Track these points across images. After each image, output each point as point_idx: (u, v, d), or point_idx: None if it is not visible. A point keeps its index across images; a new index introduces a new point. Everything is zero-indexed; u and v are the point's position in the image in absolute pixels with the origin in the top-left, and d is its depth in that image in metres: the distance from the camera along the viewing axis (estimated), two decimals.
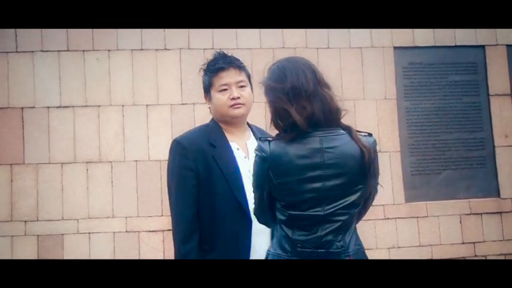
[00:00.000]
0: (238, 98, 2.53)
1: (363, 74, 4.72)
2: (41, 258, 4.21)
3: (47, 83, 4.35)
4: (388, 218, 4.62)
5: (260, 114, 4.53)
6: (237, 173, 2.48)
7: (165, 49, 4.49)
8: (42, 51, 4.36)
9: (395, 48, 4.76)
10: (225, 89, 2.54)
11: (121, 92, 4.43)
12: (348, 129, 2.10)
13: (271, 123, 2.12)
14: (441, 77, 4.83)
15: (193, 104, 4.48)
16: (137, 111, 4.42)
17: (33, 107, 4.32)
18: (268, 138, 2.10)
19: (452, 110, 4.82)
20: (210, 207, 2.46)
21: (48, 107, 4.34)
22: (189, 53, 4.53)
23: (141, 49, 4.46)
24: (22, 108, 4.31)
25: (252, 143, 2.56)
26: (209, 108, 2.65)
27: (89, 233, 4.29)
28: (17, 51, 4.34)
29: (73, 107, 4.37)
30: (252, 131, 2.68)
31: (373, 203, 4.60)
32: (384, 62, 4.75)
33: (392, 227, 4.63)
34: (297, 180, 2.02)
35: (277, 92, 2.07)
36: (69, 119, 4.35)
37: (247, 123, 2.69)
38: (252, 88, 2.66)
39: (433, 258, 4.61)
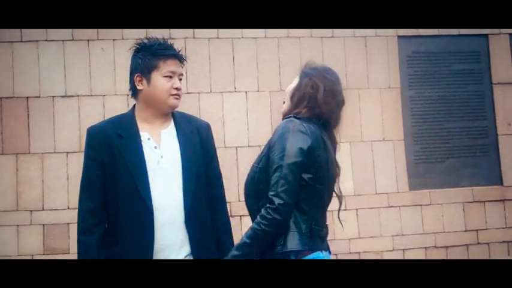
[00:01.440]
0: (180, 89, 2.51)
1: (367, 62, 4.73)
2: (47, 247, 4.22)
3: (52, 72, 4.35)
4: (392, 206, 4.65)
5: (265, 103, 4.57)
6: (142, 164, 2.40)
7: (170, 38, 4.48)
8: (47, 40, 4.35)
9: (399, 37, 4.78)
10: (170, 77, 2.48)
11: (126, 82, 4.33)
12: None
13: (292, 103, 2.43)
14: (445, 65, 4.85)
15: (199, 93, 4.48)
16: None
17: (39, 97, 4.32)
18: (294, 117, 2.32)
19: (456, 98, 4.85)
20: (115, 199, 2.40)
21: (53, 97, 4.34)
22: (193, 42, 4.53)
23: (146, 39, 4.44)
24: (27, 97, 4.31)
25: (169, 132, 2.52)
26: (139, 90, 2.51)
27: None
28: (21, 41, 4.32)
29: (78, 96, 4.37)
30: (174, 119, 2.59)
31: (377, 191, 4.65)
32: (388, 50, 4.76)
33: (396, 215, 4.66)
34: (325, 156, 2.29)
35: (325, 82, 2.36)
36: (75, 109, 4.35)
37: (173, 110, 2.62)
38: None
39: (437, 246, 4.66)
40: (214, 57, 4.54)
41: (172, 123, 2.56)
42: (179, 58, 2.54)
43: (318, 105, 2.31)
